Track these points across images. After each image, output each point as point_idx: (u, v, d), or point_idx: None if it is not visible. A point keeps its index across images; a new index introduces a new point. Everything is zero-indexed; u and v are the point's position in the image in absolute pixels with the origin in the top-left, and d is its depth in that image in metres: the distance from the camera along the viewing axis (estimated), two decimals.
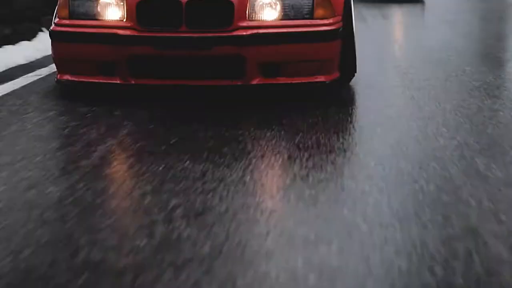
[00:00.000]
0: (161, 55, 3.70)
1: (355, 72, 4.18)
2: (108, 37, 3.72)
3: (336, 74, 3.88)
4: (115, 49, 3.71)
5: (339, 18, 3.85)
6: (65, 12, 3.89)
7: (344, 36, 3.91)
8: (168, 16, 3.67)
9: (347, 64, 4.02)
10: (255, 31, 3.65)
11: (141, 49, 3.70)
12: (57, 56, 3.97)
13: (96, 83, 3.87)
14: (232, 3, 3.65)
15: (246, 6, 3.68)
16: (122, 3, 3.74)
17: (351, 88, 4.13)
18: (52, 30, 3.94)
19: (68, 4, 3.87)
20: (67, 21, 3.88)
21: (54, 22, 3.97)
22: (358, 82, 4.21)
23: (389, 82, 4.45)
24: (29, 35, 5.96)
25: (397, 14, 9.75)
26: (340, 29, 3.82)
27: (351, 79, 4.16)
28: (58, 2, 3.97)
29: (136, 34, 3.69)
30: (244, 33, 3.64)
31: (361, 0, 10.99)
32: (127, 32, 3.70)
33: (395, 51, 6.15)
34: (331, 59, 3.81)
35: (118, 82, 3.80)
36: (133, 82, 3.78)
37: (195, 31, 3.65)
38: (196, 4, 3.65)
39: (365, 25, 7.85)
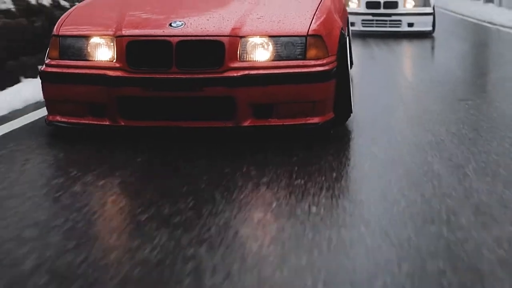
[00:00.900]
0: (151, 96, 3.75)
1: (351, 112, 4.23)
2: (97, 78, 3.78)
3: (330, 115, 3.93)
4: (104, 90, 3.77)
5: (333, 58, 3.90)
6: (55, 53, 3.97)
7: (339, 76, 3.96)
8: (158, 57, 3.73)
9: (342, 104, 4.07)
10: (246, 72, 3.70)
11: (130, 90, 3.76)
12: (47, 97, 4.04)
13: (86, 125, 3.93)
14: (223, 44, 3.71)
15: (237, 46, 3.73)
16: (112, 44, 3.82)
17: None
18: (42, 71, 4.01)
19: (59, 44, 3.95)
20: (57, 62, 3.95)
21: (44, 63, 4.05)
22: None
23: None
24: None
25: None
26: (334, 70, 3.86)
27: (347, 119, 4.21)
28: (50, 43, 4.05)
29: (126, 75, 3.75)
30: (235, 74, 3.69)
31: (369, 34, 11.10)
32: (117, 73, 3.76)
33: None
34: (324, 100, 3.85)
35: (108, 123, 3.86)
36: (122, 123, 3.84)
37: (186, 72, 3.70)
38: (186, 45, 3.71)
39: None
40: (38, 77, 4.14)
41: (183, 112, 3.80)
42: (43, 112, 4.37)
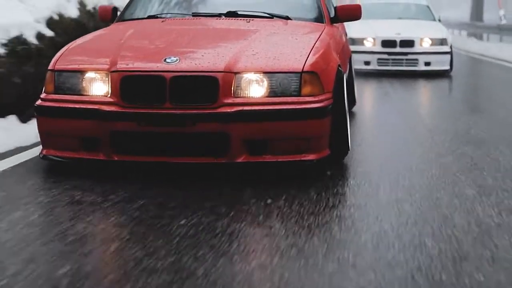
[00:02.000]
0: (145, 131, 3.89)
1: (348, 149, 4.34)
2: (91, 113, 3.93)
3: (326, 152, 4.04)
4: (98, 125, 3.92)
5: (329, 95, 4.02)
6: (51, 87, 4.14)
7: (335, 113, 4.09)
8: (152, 92, 3.87)
9: (339, 141, 4.19)
10: (240, 108, 3.82)
11: (124, 125, 3.90)
12: (42, 131, 4.19)
13: (80, 159, 4.07)
14: (217, 80, 3.85)
15: (232, 82, 3.87)
16: (107, 79, 3.98)
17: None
18: (37, 105, 4.17)
19: (54, 79, 4.12)
20: (52, 96, 4.12)
21: (40, 97, 4.21)
22: None
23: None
24: None
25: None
26: (330, 106, 3.98)
27: (344, 157, 4.31)
28: (46, 77, 4.23)
29: (119, 110, 3.89)
30: (229, 110, 3.81)
31: (383, 74, 11.25)
32: (111, 108, 3.91)
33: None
34: (320, 136, 3.97)
35: (101, 158, 4.00)
36: (116, 158, 3.97)
37: (179, 108, 3.83)
38: (180, 80, 3.86)
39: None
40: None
41: (176, 147, 3.93)
42: None
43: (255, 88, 3.90)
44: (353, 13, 5.32)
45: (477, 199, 3.56)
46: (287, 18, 5.04)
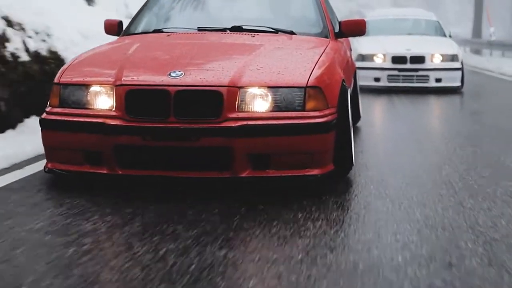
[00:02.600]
0: (149, 145, 4.00)
1: (352, 164, 4.43)
2: (95, 126, 4.04)
3: (330, 167, 4.13)
4: (102, 138, 4.03)
5: (333, 110, 4.13)
6: (56, 101, 4.26)
7: (339, 128, 4.19)
8: (157, 106, 3.98)
9: (343, 156, 4.28)
10: (244, 122, 3.92)
11: (128, 139, 4.00)
12: (46, 145, 4.31)
13: (83, 173, 4.18)
14: (221, 94, 3.96)
15: (236, 97, 3.97)
16: (111, 93, 4.09)
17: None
18: (42, 118, 4.29)
19: (59, 92, 4.25)
20: (57, 110, 4.24)
21: (45, 110, 4.33)
22: None
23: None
24: None
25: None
26: (334, 121, 4.09)
27: (348, 172, 4.41)
28: (51, 90, 4.35)
29: (124, 124, 4.00)
30: (233, 125, 3.91)
31: (394, 90, 11.35)
32: (115, 122, 4.02)
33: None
34: (324, 151, 4.07)
35: (105, 172, 4.11)
36: (120, 172, 4.08)
37: (184, 122, 3.94)
38: (185, 95, 3.96)
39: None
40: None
41: (180, 162, 4.03)
42: None
43: (259, 103, 4.01)
44: (358, 28, 5.44)
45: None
46: (292, 33, 5.17)
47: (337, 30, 5.50)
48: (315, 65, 4.24)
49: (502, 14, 53.64)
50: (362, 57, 11.78)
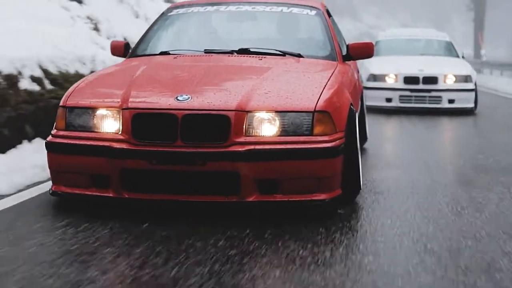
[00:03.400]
0: (155, 169, 4.10)
1: (360, 188, 4.53)
2: (102, 150, 4.16)
3: (337, 192, 4.24)
4: (109, 162, 4.15)
5: (341, 134, 4.24)
6: (62, 123, 4.38)
7: (347, 152, 4.30)
8: (164, 130, 4.09)
9: (350, 180, 4.38)
10: (251, 147, 4.03)
11: (134, 163, 4.12)
12: (52, 167, 4.43)
13: (89, 196, 4.29)
14: (229, 118, 4.07)
15: (244, 121, 4.08)
16: (118, 116, 4.21)
17: None
18: (48, 141, 4.42)
19: (65, 115, 4.37)
20: (63, 133, 4.36)
21: (51, 133, 4.46)
22: None
23: None
24: None
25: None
26: (342, 146, 4.20)
27: (355, 196, 4.50)
28: (57, 113, 4.48)
29: (130, 147, 4.11)
30: (240, 149, 4.02)
31: (406, 111, 11.45)
32: (122, 145, 4.13)
33: None
34: (331, 176, 4.17)
35: (111, 195, 4.22)
36: (126, 196, 4.19)
37: (191, 146, 4.05)
38: (192, 119, 4.08)
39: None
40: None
41: (187, 186, 4.13)
42: None
43: (267, 127, 4.11)
44: (366, 51, 5.57)
45: None
46: (299, 55, 5.29)
47: (344, 53, 5.63)
48: (323, 89, 4.35)
49: (507, 34, 54.77)
50: (374, 77, 11.91)
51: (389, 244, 3.65)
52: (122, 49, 5.82)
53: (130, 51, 5.80)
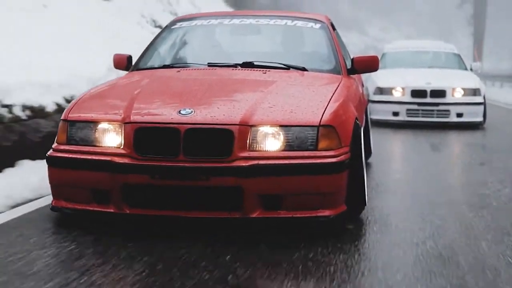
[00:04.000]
0: (157, 184, 4.11)
1: (365, 204, 4.54)
2: (103, 165, 4.17)
3: (342, 208, 4.25)
4: (110, 177, 4.16)
5: (346, 149, 4.25)
6: (63, 137, 4.40)
7: (352, 167, 4.31)
8: (166, 144, 4.10)
9: (355, 196, 4.40)
10: (255, 162, 4.03)
11: (136, 178, 4.13)
12: (53, 182, 4.44)
13: (90, 212, 4.31)
14: (232, 133, 4.08)
15: (247, 136, 4.09)
16: (120, 130, 4.23)
17: None
18: (48, 155, 4.44)
19: (67, 129, 4.39)
20: (64, 147, 4.38)
21: (52, 147, 4.48)
22: None
23: None
24: None
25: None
26: (347, 161, 4.20)
27: (360, 212, 4.51)
28: (58, 127, 4.50)
29: (132, 162, 4.13)
30: (244, 164, 4.02)
31: (413, 125, 11.46)
32: (123, 160, 4.14)
33: None
34: (336, 192, 4.18)
35: (112, 211, 4.23)
36: (127, 211, 4.20)
37: (193, 161, 4.06)
38: (195, 133, 4.09)
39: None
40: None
41: (189, 201, 4.14)
42: None
43: (271, 142, 4.12)
44: (371, 65, 5.60)
45: None
46: (304, 69, 5.33)
47: (349, 66, 5.66)
48: (328, 103, 4.37)
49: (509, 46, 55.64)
50: (380, 91, 11.93)
51: None
52: (125, 62, 5.86)
53: (133, 64, 5.84)
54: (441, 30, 62.25)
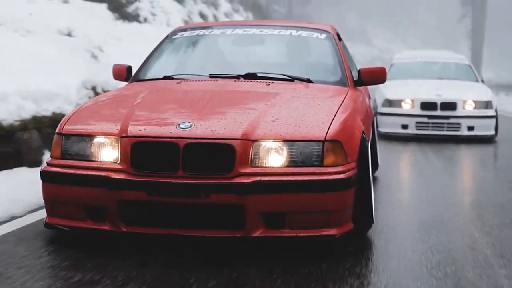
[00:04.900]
0: (155, 201, 4.03)
1: (372, 222, 4.45)
2: (98, 180, 4.09)
3: (349, 226, 4.15)
4: (105, 193, 4.07)
5: (353, 165, 4.16)
6: (57, 152, 4.32)
7: (359, 184, 4.22)
8: (164, 159, 4.02)
9: (362, 213, 4.31)
10: (258, 178, 3.94)
11: (133, 194, 4.04)
12: (47, 198, 4.36)
13: (85, 229, 4.22)
14: (233, 148, 3.99)
15: (249, 151, 4.00)
16: (116, 144, 4.15)
17: None
18: (42, 170, 4.36)
19: (61, 143, 4.31)
20: (58, 161, 4.30)
21: (46, 162, 4.40)
22: None
23: None
24: None
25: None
26: (353, 177, 4.11)
27: (367, 230, 4.42)
28: (53, 141, 4.42)
29: (129, 178, 4.04)
30: (246, 181, 3.93)
31: (422, 139, 11.37)
32: (120, 176, 4.06)
33: None
34: (342, 210, 4.08)
35: (108, 229, 4.14)
36: (124, 229, 4.11)
37: (193, 177, 3.97)
38: (194, 148, 4.00)
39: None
40: None
41: (188, 219, 4.05)
42: None
43: (274, 157, 4.03)
44: (378, 76, 5.53)
45: None
46: (309, 81, 5.25)
47: (356, 78, 5.59)
48: (334, 116, 4.29)
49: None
50: (389, 103, 11.84)
51: None
52: (124, 73, 5.80)
53: (132, 75, 5.78)
54: (445, 41, 62.95)
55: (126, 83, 5.75)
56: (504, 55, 61.42)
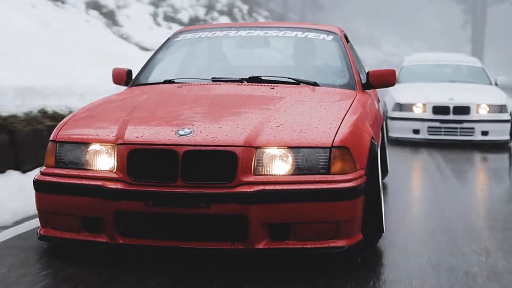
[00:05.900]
0: (153, 212, 3.92)
1: (383, 231, 4.32)
2: (94, 190, 3.98)
3: (358, 237, 4.03)
4: (101, 203, 3.97)
5: (362, 172, 4.03)
6: (51, 160, 4.22)
7: (368, 192, 4.10)
8: (163, 167, 3.91)
9: (372, 223, 4.18)
10: (261, 187, 3.83)
11: (130, 205, 3.93)
12: (41, 209, 4.26)
13: (81, 241, 4.11)
14: (235, 155, 3.88)
15: (252, 158, 3.89)
16: (112, 152, 4.04)
17: None
18: (36, 179, 4.25)
19: (55, 151, 4.21)
20: (53, 170, 4.20)
21: (40, 171, 4.29)
22: None
23: None
24: None
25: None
26: (362, 186, 3.99)
27: (377, 240, 4.29)
28: (47, 149, 4.31)
29: (125, 187, 3.94)
30: (249, 190, 3.82)
31: (435, 144, 11.23)
32: (116, 185, 3.95)
33: None
34: (351, 220, 3.96)
35: (104, 241, 4.03)
36: (121, 241, 4.00)
37: (193, 186, 3.86)
38: (194, 155, 3.89)
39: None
40: None
41: (188, 231, 3.94)
42: None
43: (278, 165, 3.92)
44: (387, 79, 5.41)
45: None
46: (315, 84, 5.15)
47: (364, 81, 5.48)
48: (342, 122, 4.18)
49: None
50: (400, 107, 11.71)
51: None
52: (124, 77, 5.72)
53: (132, 79, 5.68)
54: (451, 45, 63.70)
55: (126, 87, 5.65)
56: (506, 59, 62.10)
